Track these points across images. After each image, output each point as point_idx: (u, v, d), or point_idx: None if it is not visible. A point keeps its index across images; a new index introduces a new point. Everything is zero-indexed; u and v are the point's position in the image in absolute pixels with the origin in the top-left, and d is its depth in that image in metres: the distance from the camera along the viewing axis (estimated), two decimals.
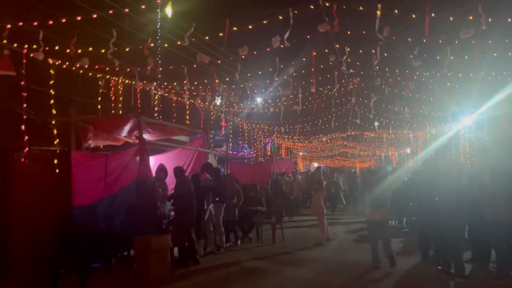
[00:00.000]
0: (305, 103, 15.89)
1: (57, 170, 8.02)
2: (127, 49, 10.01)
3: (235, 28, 8.59)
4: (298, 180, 18.30)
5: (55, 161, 8.03)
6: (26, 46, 7.50)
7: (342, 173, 21.76)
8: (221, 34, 8.67)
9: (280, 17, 8.29)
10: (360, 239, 10.72)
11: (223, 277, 7.52)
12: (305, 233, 11.82)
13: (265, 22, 8.58)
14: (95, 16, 8.10)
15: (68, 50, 8.28)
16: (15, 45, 7.22)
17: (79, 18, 7.70)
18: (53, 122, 8.10)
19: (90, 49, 9.03)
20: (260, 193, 12.60)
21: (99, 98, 10.40)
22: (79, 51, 8.62)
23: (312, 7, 8.04)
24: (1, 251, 7.35)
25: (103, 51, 8.77)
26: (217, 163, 12.68)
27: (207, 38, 9.55)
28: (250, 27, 8.59)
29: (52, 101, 8.18)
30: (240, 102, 17.10)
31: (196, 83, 12.79)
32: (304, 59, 10.91)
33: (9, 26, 7.16)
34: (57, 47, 8.28)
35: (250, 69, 15.11)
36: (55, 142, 8.08)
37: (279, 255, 9.20)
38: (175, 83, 12.82)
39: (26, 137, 7.35)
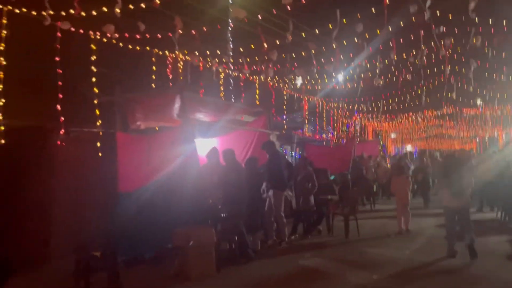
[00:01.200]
0: (388, 76, 13.84)
1: (100, 154, 7.42)
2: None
3: None
4: (384, 165, 16.41)
5: (98, 144, 7.44)
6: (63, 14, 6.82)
7: (433, 157, 19.10)
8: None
9: None
10: None
11: (274, 278, 6.33)
12: (385, 226, 10.12)
13: None
14: None
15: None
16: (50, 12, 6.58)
17: None
18: (96, 101, 7.45)
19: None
20: (335, 179, 11.16)
21: (153, 76, 9.67)
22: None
23: None
24: (40, 240, 6.95)
25: None
26: (280, 145, 11.42)
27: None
28: None
29: (94, 79, 7.52)
30: (320, 79, 15.59)
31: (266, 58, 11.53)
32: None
33: None
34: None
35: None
36: (98, 123, 7.44)
37: (349, 253, 7.76)
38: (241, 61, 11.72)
39: (63, 118, 6.73)
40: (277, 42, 10.20)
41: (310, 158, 12.54)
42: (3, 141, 6.11)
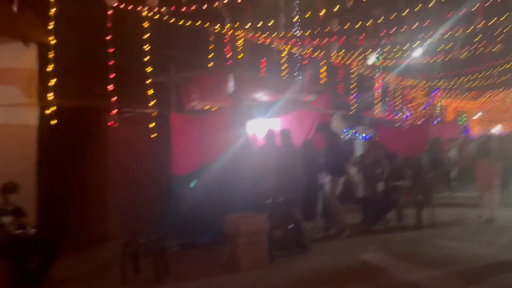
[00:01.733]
0: (473, 47, 12.23)
1: (153, 135, 7.21)
2: None
3: None
4: (467, 148, 14.78)
5: (152, 125, 7.23)
6: None
7: None
8: None
9: None
10: None
11: (329, 273, 5.68)
12: (465, 216, 8.97)
13: None
14: None
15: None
16: None
17: None
18: (149, 81, 7.21)
19: None
20: (407, 163, 10.12)
21: (211, 55, 9.28)
22: None
23: None
24: (95, 221, 6.95)
25: None
26: (347, 126, 10.54)
27: None
28: None
29: (147, 58, 7.28)
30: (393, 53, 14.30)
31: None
32: None
33: None
34: None
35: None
36: (151, 104, 7.21)
37: (420, 246, 6.87)
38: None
39: (115, 98, 6.57)
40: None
41: (382, 141, 11.81)
42: (55, 121, 6.06)
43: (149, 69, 7.29)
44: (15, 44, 6.24)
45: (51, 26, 6.11)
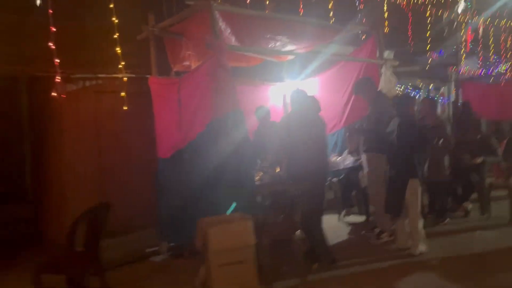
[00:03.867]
0: None
1: (125, 107, 5.44)
2: None
3: None
4: None
5: (123, 94, 5.46)
6: None
7: None
8: None
9: None
10: None
11: None
12: None
13: None
14: None
15: None
16: None
17: None
18: (116, 35, 5.36)
19: None
20: (492, 132, 7.37)
21: None
22: None
23: None
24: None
25: None
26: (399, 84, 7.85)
27: None
28: None
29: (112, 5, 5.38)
30: None
31: None
32: None
33: None
34: None
35: None
36: (121, 66, 5.39)
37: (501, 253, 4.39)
38: None
39: (57, 61, 4.79)
40: None
41: (469, 100, 9.25)
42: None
43: (115, 20, 5.41)
44: None
45: None
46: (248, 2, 7.22)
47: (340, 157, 6.03)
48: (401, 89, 9.95)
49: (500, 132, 7.72)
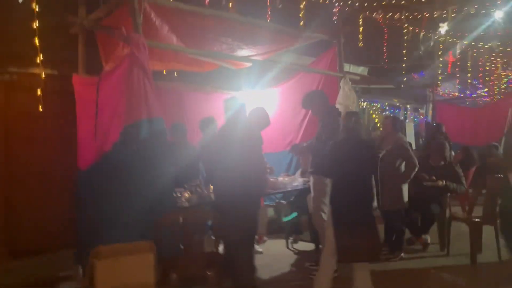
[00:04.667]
0: None
1: (40, 108, 4.71)
2: None
3: None
4: None
5: (39, 92, 4.73)
6: None
7: None
8: None
9: None
10: None
11: None
12: None
13: None
14: None
15: None
16: None
17: None
18: (35, 24, 4.64)
19: None
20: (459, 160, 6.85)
21: None
22: None
23: None
24: None
25: None
26: (356, 99, 7.24)
27: None
28: None
29: None
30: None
31: None
32: None
33: None
34: None
35: None
36: (38, 60, 4.67)
37: None
38: None
39: None
40: None
41: (445, 123, 9.86)
42: None
43: (35, 7, 4.70)
44: None
45: None
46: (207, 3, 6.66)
47: (288, 178, 5.37)
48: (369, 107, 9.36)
49: (469, 158, 7.18)
